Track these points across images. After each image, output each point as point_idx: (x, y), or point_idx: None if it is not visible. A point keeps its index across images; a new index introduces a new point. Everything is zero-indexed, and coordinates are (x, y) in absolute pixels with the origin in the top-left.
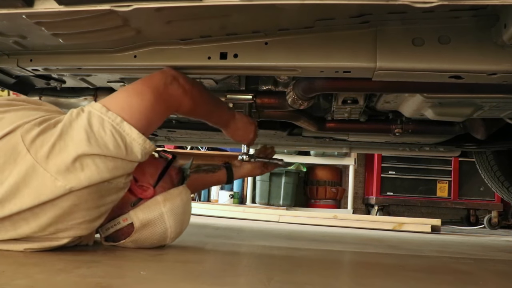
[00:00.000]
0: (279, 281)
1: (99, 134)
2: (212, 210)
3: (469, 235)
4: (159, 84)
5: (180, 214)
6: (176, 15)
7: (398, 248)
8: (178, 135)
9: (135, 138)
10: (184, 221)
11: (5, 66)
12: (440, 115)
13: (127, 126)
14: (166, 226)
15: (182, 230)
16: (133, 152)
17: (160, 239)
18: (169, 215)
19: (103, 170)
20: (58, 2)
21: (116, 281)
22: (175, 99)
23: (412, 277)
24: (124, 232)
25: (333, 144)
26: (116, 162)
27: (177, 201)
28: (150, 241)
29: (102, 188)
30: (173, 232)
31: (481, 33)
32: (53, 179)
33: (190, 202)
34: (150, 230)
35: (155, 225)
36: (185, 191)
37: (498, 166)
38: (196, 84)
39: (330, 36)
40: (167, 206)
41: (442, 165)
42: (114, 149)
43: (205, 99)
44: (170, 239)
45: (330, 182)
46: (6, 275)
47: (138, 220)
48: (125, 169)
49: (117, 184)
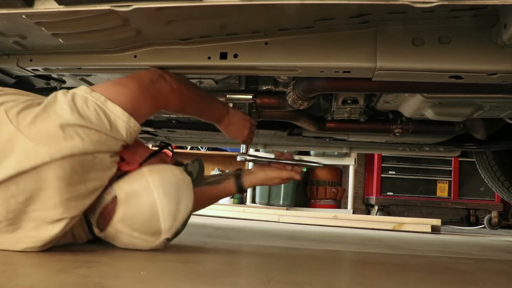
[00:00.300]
0: (279, 281)
1: (83, 109)
2: (212, 210)
3: (469, 235)
4: (145, 79)
5: (173, 190)
6: (176, 15)
7: (398, 248)
8: (178, 135)
9: (119, 116)
10: (181, 199)
11: (5, 66)
12: (440, 115)
13: (110, 104)
14: (153, 197)
15: (180, 212)
16: (117, 129)
17: (150, 215)
18: (156, 186)
19: (86, 141)
20: (58, 2)
21: (116, 281)
22: (162, 95)
23: (412, 277)
24: (109, 209)
25: (333, 144)
26: (101, 136)
27: (168, 175)
28: (139, 217)
29: (86, 162)
30: (165, 207)
31: (481, 33)
32: (35, 146)
33: (188, 184)
34: (135, 202)
35: (140, 195)
36: (179, 170)
37: (498, 166)
38: (184, 82)
39: (330, 36)
40: (154, 176)
41: (442, 165)
42: (97, 122)
43: (194, 96)
44: (164, 217)
45: (330, 182)
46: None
47: (122, 190)
48: (109, 145)
49: (102, 160)
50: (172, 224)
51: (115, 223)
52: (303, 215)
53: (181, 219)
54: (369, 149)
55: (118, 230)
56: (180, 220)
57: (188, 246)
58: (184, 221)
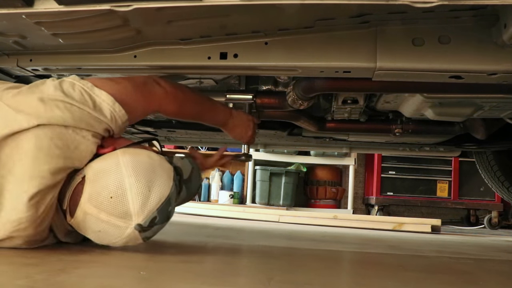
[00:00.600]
0: (279, 281)
1: (68, 90)
2: (212, 210)
3: (469, 235)
4: (138, 81)
5: (145, 170)
6: (176, 15)
7: (398, 248)
8: (178, 135)
9: (104, 99)
10: (153, 181)
11: (5, 66)
12: (440, 115)
13: (97, 90)
14: (122, 174)
15: (152, 195)
16: (101, 110)
17: (117, 191)
18: (126, 164)
19: (66, 114)
20: (58, 2)
21: (116, 281)
22: (155, 98)
23: (412, 277)
24: (78, 190)
25: (333, 144)
26: (82, 113)
27: (142, 157)
28: (105, 193)
29: (67, 136)
30: (133, 185)
31: (481, 33)
32: (14, 113)
33: (167, 169)
34: (103, 179)
35: (108, 172)
36: (159, 157)
37: (498, 166)
38: (180, 87)
39: (330, 36)
40: (126, 156)
41: (442, 165)
42: (80, 100)
43: (192, 101)
44: (133, 196)
45: (330, 182)
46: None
47: (91, 169)
48: (91, 124)
49: (83, 137)
50: (143, 206)
51: (82, 204)
52: (303, 215)
53: (153, 203)
54: (369, 149)
55: (86, 212)
56: (152, 203)
57: (188, 246)
58: (160, 207)
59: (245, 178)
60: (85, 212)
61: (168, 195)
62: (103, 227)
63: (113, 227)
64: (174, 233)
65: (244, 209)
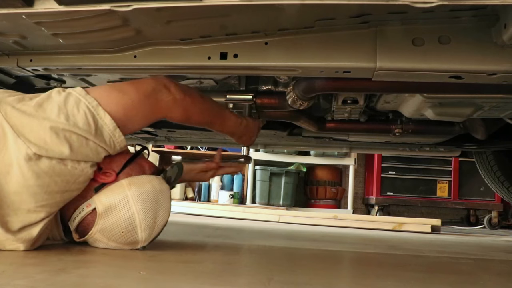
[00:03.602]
0: (279, 281)
1: (72, 111)
2: (212, 210)
3: (469, 235)
4: (147, 88)
5: (151, 202)
6: (176, 15)
7: (398, 248)
8: (178, 135)
9: (106, 123)
10: (158, 212)
11: (5, 66)
12: (440, 115)
13: (102, 111)
14: (132, 210)
15: (157, 224)
16: (102, 134)
17: (128, 227)
18: (135, 199)
19: (65, 147)
20: (58, 2)
21: (116, 281)
22: (163, 105)
23: (412, 277)
24: (89, 220)
25: (333, 144)
26: (82, 143)
27: (147, 187)
28: (117, 229)
29: (65, 172)
30: (142, 221)
31: (481, 33)
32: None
33: (167, 194)
34: (114, 215)
35: (119, 209)
36: (158, 180)
37: (498, 166)
38: (189, 93)
39: (330, 36)
40: (132, 189)
41: (442, 165)
42: (83, 126)
43: (200, 108)
44: (142, 230)
45: (330, 182)
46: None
47: (101, 203)
48: (90, 156)
49: (82, 171)
50: (149, 236)
51: (94, 233)
52: (303, 215)
53: (158, 230)
54: (369, 149)
55: (97, 239)
56: (157, 230)
57: (188, 246)
58: (162, 229)
59: (245, 178)
60: (95, 239)
61: (167, 219)
62: (111, 248)
63: (120, 249)
64: (174, 233)
65: (244, 209)
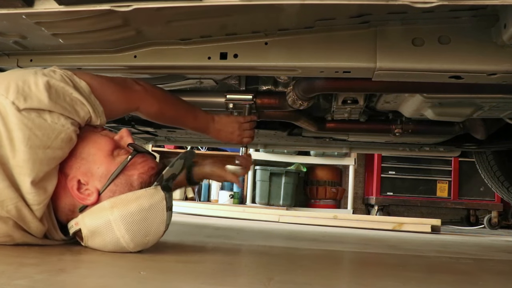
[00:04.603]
0: (279, 281)
1: (48, 72)
2: (212, 210)
3: (469, 235)
4: (117, 79)
5: (137, 223)
6: (176, 15)
7: (398, 248)
8: (178, 135)
9: (82, 87)
10: (149, 229)
11: (5, 66)
12: (440, 115)
13: (77, 78)
14: (116, 235)
15: (150, 240)
16: (81, 92)
17: (116, 248)
18: (118, 224)
19: (44, 94)
20: (58, 2)
21: (116, 281)
22: (135, 94)
23: (412, 277)
24: (79, 236)
25: (333, 144)
26: (59, 93)
27: (131, 207)
28: (106, 249)
29: (45, 125)
30: (130, 242)
31: (481, 33)
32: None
33: (159, 206)
34: (100, 238)
35: (103, 233)
36: (147, 194)
37: (498, 166)
38: (158, 88)
39: (330, 36)
40: (114, 213)
41: (442, 165)
42: (60, 80)
43: (171, 101)
44: (132, 248)
45: (330, 182)
46: (6, 275)
47: (85, 227)
48: (65, 108)
49: (63, 126)
50: (143, 249)
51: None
52: (303, 215)
53: (153, 242)
54: (369, 149)
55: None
56: (151, 243)
57: (188, 246)
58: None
59: (245, 178)
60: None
61: (164, 230)
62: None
63: None
64: (174, 233)
65: (244, 209)
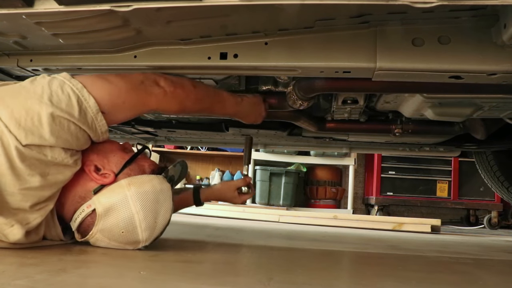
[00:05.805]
0: (279, 281)
1: (56, 92)
2: (212, 210)
3: (469, 235)
4: (135, 80)
5: (151, 202)
6: (176, 15)
7: (398, 248)
8: (178, 135)
9: (90, 106)
10: (159, 212)
11: (5, 66)
12: (440, 115)
13: (86, 93)
14: (131, 211)
15: (158, 224)
16: (85, 117)
17: (128, 227)
18: (134, 199)
19: (45, 129)
20: (58, 2)
21: (116, 281)
22: (153, 98)
23: (412, 277)
24: (89, 221)
25: (333, 144)
26: (62, 125)
27: (146, 186)
28: (117, 229)
29: (46, 161)
30: (142, 221)
31: (481, 33)
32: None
33: (168, 193)
34: (114, 215)
35: (118, 209)
36: (158, 180)
37: (498, 166)
38: (180, 84)
39: (330, 36)
40: (131, 189)
41: (442, 165)
42: (66, 107)
43: (195, 97)
44: (142, 230)
45: (330, 182)
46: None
47: (100, 204)
48: (67, 140)
49: (54, 160)
50: (150, 235)
51: (94, 234)
52: (303, 215)
53: (159, 230)
54: (369, 149)
55: (98, 239)
56: (158, 230)
57: (188, 246)
58: (164, 229)
59: None
60: (97, 239)
61: (169, 219)
62: (113, 247)
63: (121, 248)
64: (174, 233)
65: (244, 209)
